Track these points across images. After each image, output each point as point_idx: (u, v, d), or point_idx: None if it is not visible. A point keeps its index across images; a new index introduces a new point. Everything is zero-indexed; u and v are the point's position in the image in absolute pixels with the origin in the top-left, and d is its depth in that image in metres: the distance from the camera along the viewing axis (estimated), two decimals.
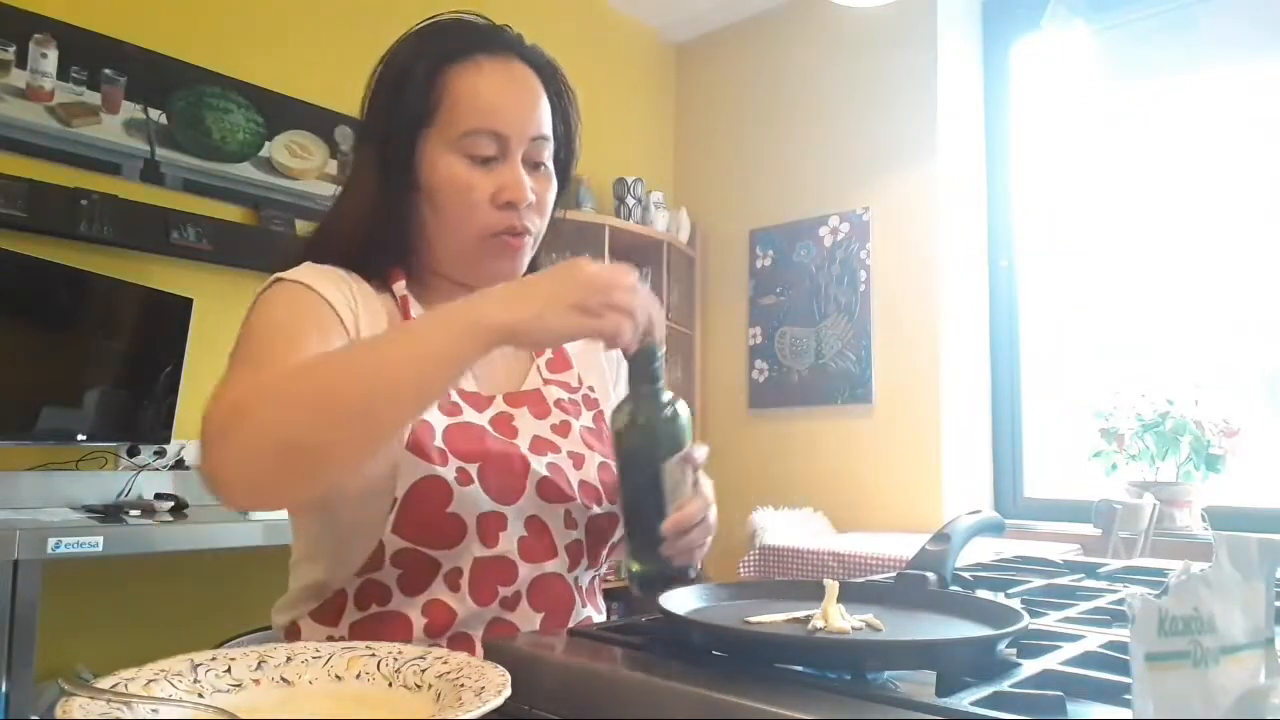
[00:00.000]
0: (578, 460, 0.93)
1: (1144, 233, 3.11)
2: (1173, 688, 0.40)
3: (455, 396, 0.89)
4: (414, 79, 0.89)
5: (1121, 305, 3.14)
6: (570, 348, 1.03)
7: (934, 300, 3.26)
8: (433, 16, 0.97)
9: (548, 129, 0.93)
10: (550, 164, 0.95)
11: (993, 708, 0.47)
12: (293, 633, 0.89)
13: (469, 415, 0.88)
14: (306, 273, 0.88)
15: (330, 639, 0.83)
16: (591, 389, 1.02)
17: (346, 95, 2.95)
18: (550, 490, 0.89)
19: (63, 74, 2.39)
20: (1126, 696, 0.49)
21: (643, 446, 0.81)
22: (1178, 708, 0.40)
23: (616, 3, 3.90)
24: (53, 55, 2.37)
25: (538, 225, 0.94)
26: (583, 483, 0.91)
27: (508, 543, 0.85)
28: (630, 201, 3.62)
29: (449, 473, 0.82)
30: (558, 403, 0.97)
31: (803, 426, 3.57)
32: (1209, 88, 3.03)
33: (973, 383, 3.33)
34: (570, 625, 0.89)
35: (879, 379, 3.36)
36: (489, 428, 0.89)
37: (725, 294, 3.89)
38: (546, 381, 0.99)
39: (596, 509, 0.92)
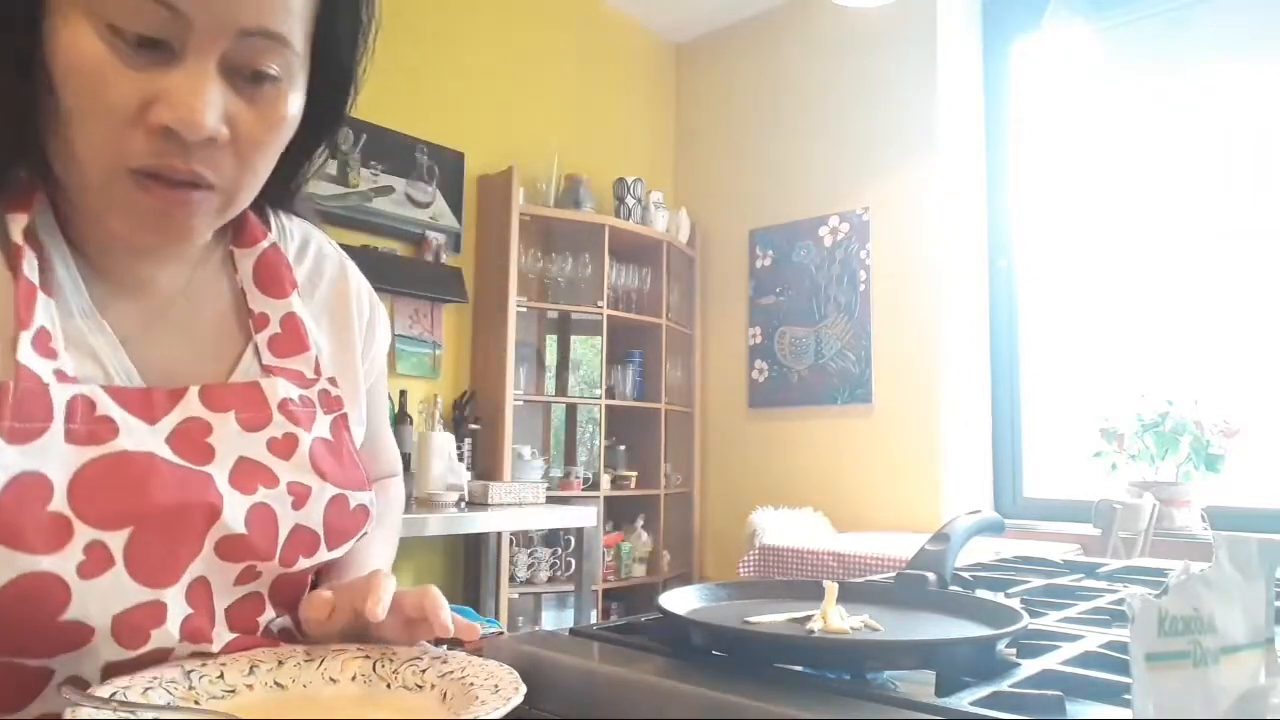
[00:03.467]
0: (300, 496, 0.64)
1: (1144, 232, 3.11)
2: (1173, 688, 0.40)
3: (108, 402, 0.58)
4: None
5: (1121, 305, 3.14)
6: (309, 317, 0.71)
7: (934, 300, 3.26)
8: None
9: (285, 22, 0.56)
10: (290, 81, 0.58)
11: (992, 708, 0.47)
12: None
13: (126, 440, 0.57)
14: None
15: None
16: (334, 381, 0.71)
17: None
18: (234, 549, 0.61)
19: None
20: (1126, 696, 0.49)
21: None
22: (1178, 708, 0.40)
23: (616, 3, 3.90)
24: None
25: (230, 175, 0.58)
26: (296, 529, 0.64)
27: (163, 638, 0.58)
28: (630, 201, 3.62)
29: (67, 563, 0.53)
30: (284, 404, 0.66)
31: (802, 426, 3.57)
32: (1209, 87, 3.03)
33: (973, 383, 3.33)
34: None
35: (879, 379, 3.36)
36: (164, 452, 0.59)
37: (725, 294, 3.89)
38: (269, 370, 0.67)
39: (303, 562, 0.65)
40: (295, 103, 0.59)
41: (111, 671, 0.57)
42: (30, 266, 0.57)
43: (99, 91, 0.53)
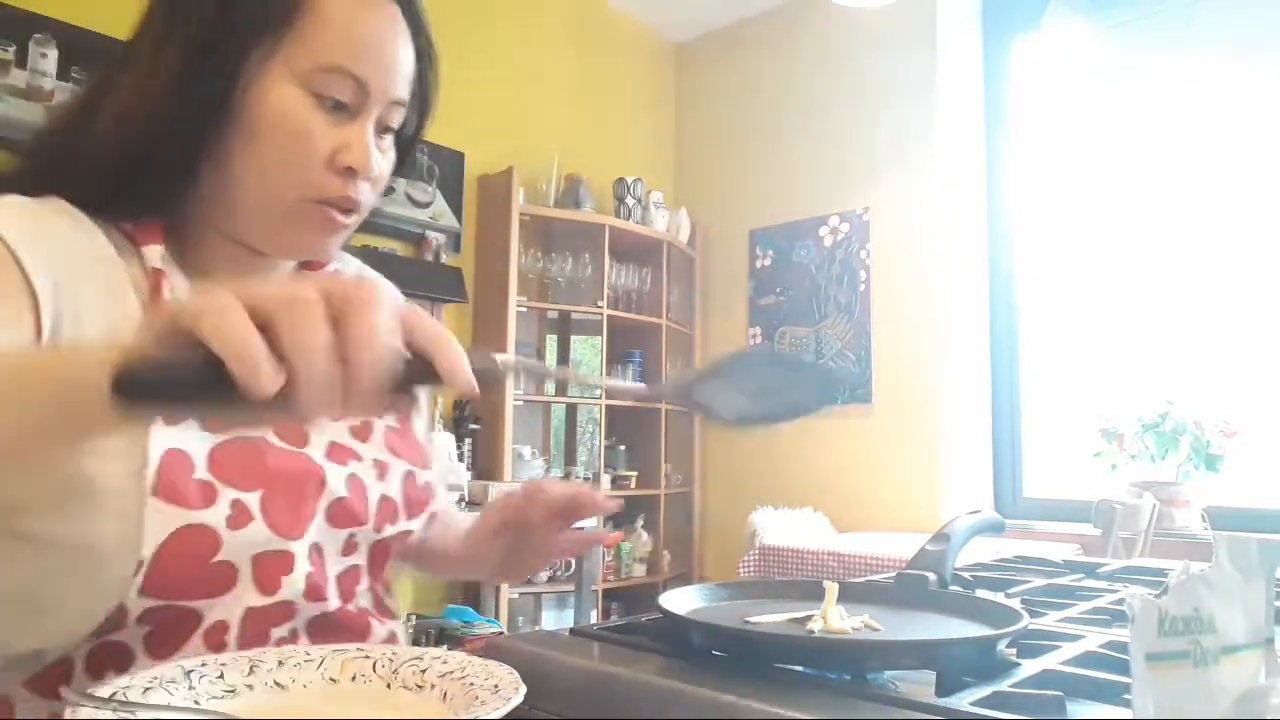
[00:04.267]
0: (381, 469, 0.77)
1: (1144, 232, 3.11)
2: (1173, 688, 0.40)
3: None
4: None
5: (1122, 305, 3.14)
6: None
7: (934, 300, 3.26)
8: None
9: (407, 93, 0.74)
10: (393, 136, 0.76)
11: (993, 708, 0.47)
12: (3, 707, 0.67)
13: None
14: (11, 214, 0.64)
15: (54, 715, 0.64)
16: None
17: None
18: (340, 514, 0.73)
19: (63, 74, 2.38)
20: (1126, 696, 0.49)
21: None
22: (1178, 708, 0.40)
23: (616, 3, 3.90)
24: (53, 55, 2.37)
25: (369, 203, 0.74)
26: (383, 499, 0.76)
27: (291, 587, 0.69)
28: (630, 201, 3.62)
29: (217, 515, 0.64)
30: None
31: (803, 426, 3.56)
32: (1209, 86, 3.03)
33: (973, 383, 3.33)
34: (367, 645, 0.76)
35: (879, 379, 3.36)
36: (273, 438, 0.71)
37: (725, 294, 3.89)
38: None
39: (389, 529, 0.77)
40: (394, 153, 0.77)
41: (250, 619, 0.67)
42: (168, 286, 0.69)
43: (304, 140, 0.68)
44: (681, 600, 0.69)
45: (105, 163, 0.69)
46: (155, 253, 0.70)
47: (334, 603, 0.72)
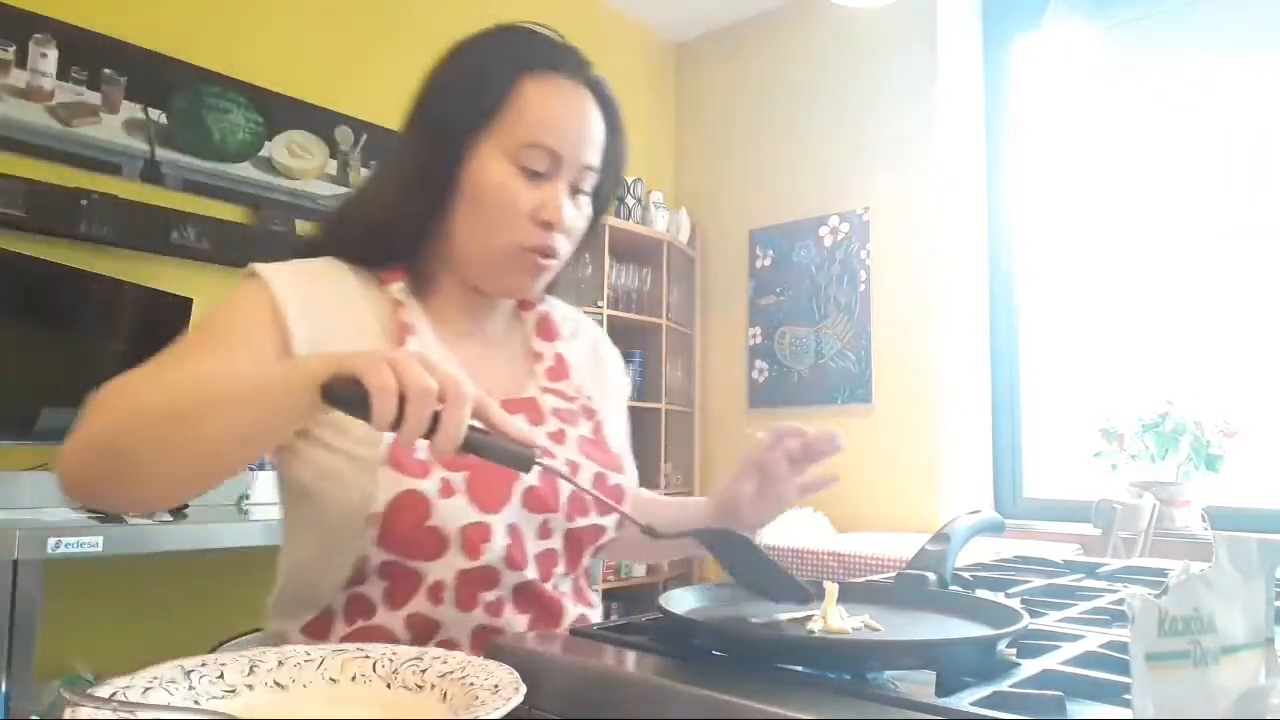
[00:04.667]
0: (572, 469, 0.91)
1: (1144, 232, 3.11)
2: (1173, 688, 0.40)
3: None
4: (490, 78, 0.89)
5: (1122, 304, 3.14)
6: (570, 357, 1.03)
7: (934, 300, 3.26)
8: (502, 24, 0.97)
9: (598, 160, 0.93)
10: (589, 196, 0.95)
11: (993, 708, 0.47)
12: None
13: None
14: (281, 270, 0.87)
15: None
16: (590, 399, 1.01)
17: (346, 95, 2.97)
18: (534, 500, 0.87)
19: (63, 74, 2.38)
20: (1126, 696, 0.49)
21: None
22: (1178, 708, 0.40)
23: (616, 2, 3.90)
24: (53, 55, 2.37)
25: (566, 249, 0.93)
26: (573, 493, 0.90)
27: (491, 553, 0.83)
28: (630, 201, 3.62)
29: (431, 485, 0.80)
30: (555, 411, 0.95)
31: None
32: (1209, 86, 3.03)
33: (973, 382, 3.33)
34: (562, 626, 0.89)
35: (879, 379, 3.36)
36: None
37: (725, 294, 3.89)
38: (545, 390, 0.98)
39: (580, 521, 0.91)
40: (589, 209, 0.96)
41: (461, 581, 0.82)
42: (405, 313, 0.90)
43: (510, 201, 0.88)
44: (681, 600, 0.69)
45: (370, 228, 0.92)
46: (397, 288, 0.91)
47: (531, 573, 0.86)
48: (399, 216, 0.91)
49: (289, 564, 0.89)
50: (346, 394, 0.63)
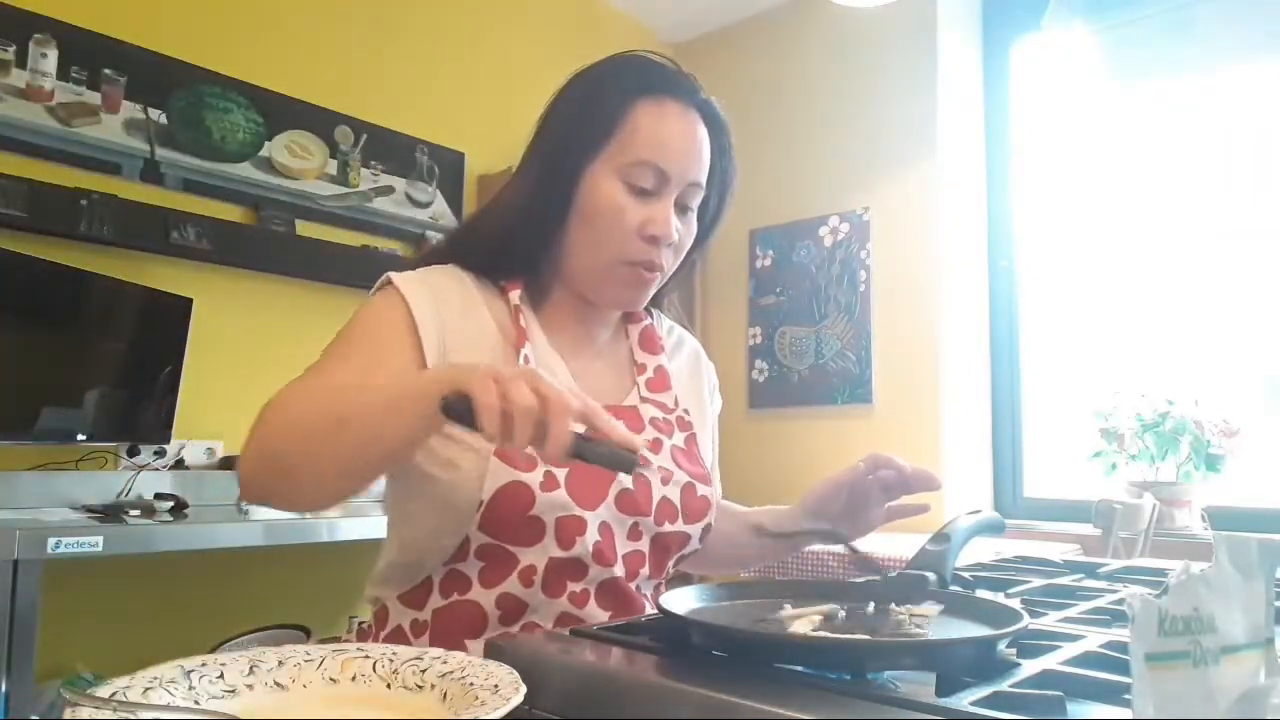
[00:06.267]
0: (665, 476, 0.97)
1: (1144, 232, 3.11)
2: (1173, 688, 0.40)
3: None
4: (604, 103, 0.95)
5: (1122, 304, 3.14)
6: (671, 370, 1.09)
7: (934, 300, 3.25)
8: (619, 53, 1.02)
9: (704, 177, 0.98)
10: (695, 212, 1.00)
11: (993, 708, 0.47)
12: (380, 615, 0.97)
13: None
14: (412, 279, 0.95)
15: (415, 622, 0.93)
16: (687, 412, 1.07)
17: (346, 95, 2.97)
18: (626, 502, 0.93)
19: (63, 74, 2.38)
20: (1126, 696, 0.49)
21: None
22: (1178, 708, 0.40)
23: (616, 2, 3.90)
24: (53, 55, 2.37)
25: (670, 264, 0.99)
26: (663, 499, 0.95)
27: (582, 546, 0.90)
28: None
29: (534, 478, 0.87)
30: (652, 421, 1.01)
31: (803, 426, 3.57)
32: (1209, 87, 3.03)
33: (973, 383, 3.33)
34: None
35: (879, 379, 3.36)
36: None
37: (725, 294, 3.89)
38: (644, 400, 1.04)
39: (668, 526, 0.96)
40: (695, 224, 1.00)
41: (551, 569, 0.89)
42: (523, 319, 0.97)
43: (619, 216, 0.94)
44: (681, 600, 0.69)
45: (492, 240, 0.99)
46: (515, 295, 0.98)
47: (619, 570, 0.92)
48: (519, 232, 0.98)
49: (400, 539, 0.96)
50: (461, 410, 0.69)
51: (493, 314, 0.97)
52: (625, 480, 0.93)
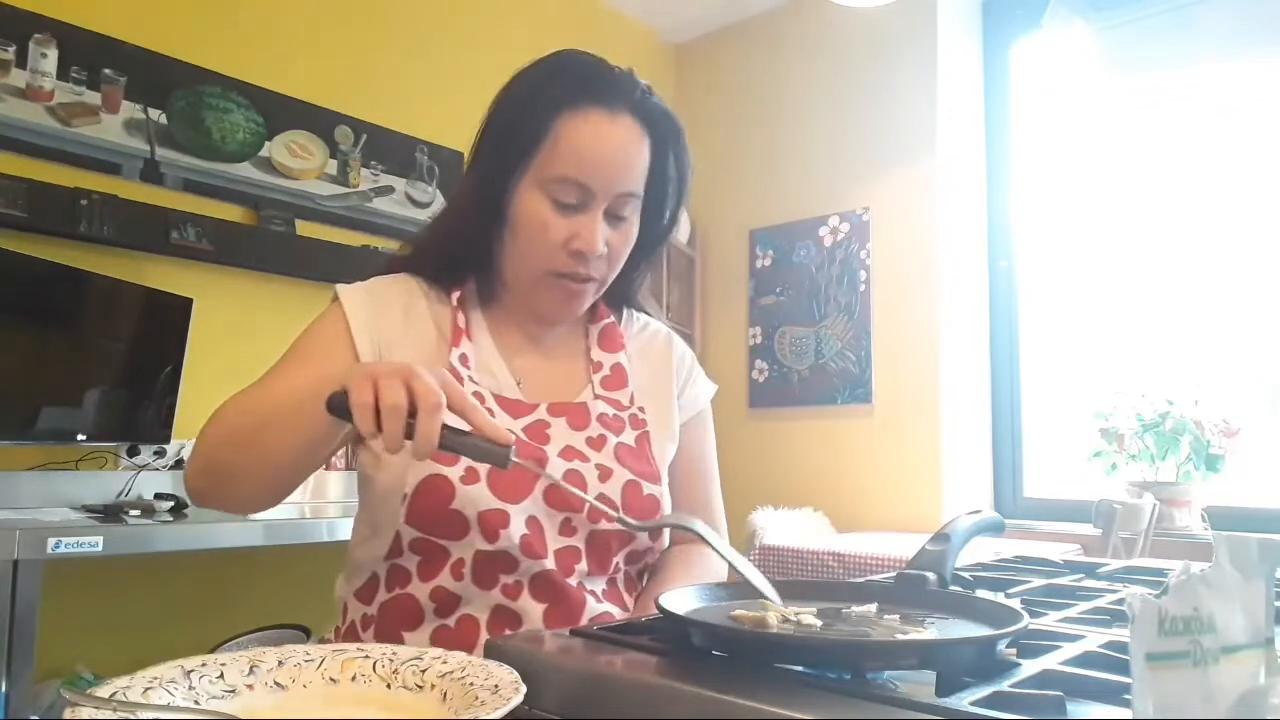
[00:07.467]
0: (604, 473, 0.96)
1: (1144, 232, 3.11)
2: (1173, 688, 0.40)
3: (491, 403, 0.96)
4: (529, 117, 0.94)
5: (1122, 305, 3.14)
6: (632, 368, 1.09)
7: (934, 300, 3.25)
8: (556, 51, 1.00)
9: (637, 185, 0.97)
10: (634, 216, 0.99)
11: (993, 708, 0.47)
12: (343, 612, 1.01)
13: (498, 420, 0.94)
14: (355, 290, 1.00)
15: (364, 616, 0.96)
16: (642, 410, 1.06)
17: (346, 95, 2.97)
18: (555, 498, 0.93)
19: (63, 74, 2.38)
20: (1126, 696, 0.49)
21: None
22: (1178, 708, 0.40)
23: (616, 2, 3.90)
24: (53, 55, 2.37)
25: (604, 273, 0.99)
26: (600, 495, 0.94)
27: (508, 539, 0.90)
28: None
29: (455, 472, 0.89)
30: (601, 417, 1.01)
31: (802, 426, 3.57)
32: (1209, 87, 3.03)
33: (973, 382, 3.33)
34: (583, 622, 0.91)
35: (879, 379, 3.36)
36: (519, 433, 0.95)
37: (725, 294, 3.89)
38: (597, 396, 1.04)
39: (604, 524, 0.95)
40: (635, 228, 1.00)
41: (480, 562, 0.90)
42: (462, 318, 1.00)
43: (545, 232, 0.94)
44: (681, 600, 0.69)
45: (437, 250, 1.04)
46: (454, 297, 1.01)
47: (550, 564, 0.92)
48: (457, 242, 1.02)
49: (353, 539, 1.01)
50: (343, 408, 0.71)
51: (435, 317, 1.01)
52: (556, 472, 0.92)
